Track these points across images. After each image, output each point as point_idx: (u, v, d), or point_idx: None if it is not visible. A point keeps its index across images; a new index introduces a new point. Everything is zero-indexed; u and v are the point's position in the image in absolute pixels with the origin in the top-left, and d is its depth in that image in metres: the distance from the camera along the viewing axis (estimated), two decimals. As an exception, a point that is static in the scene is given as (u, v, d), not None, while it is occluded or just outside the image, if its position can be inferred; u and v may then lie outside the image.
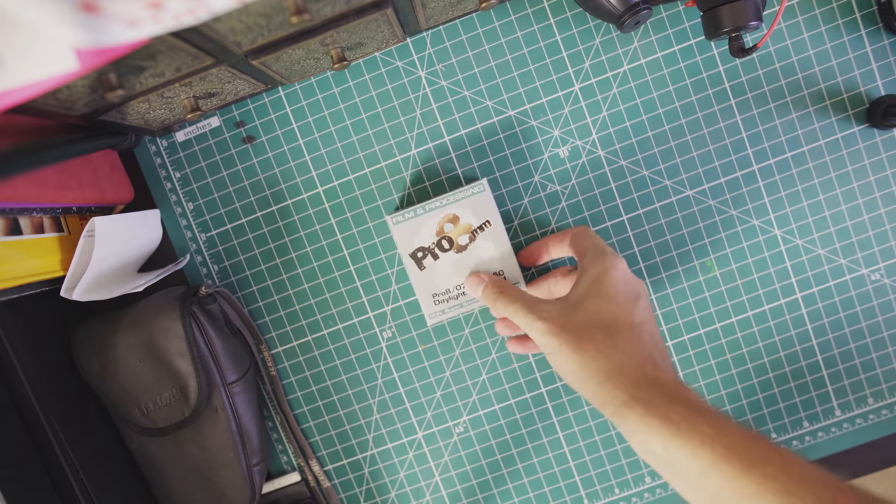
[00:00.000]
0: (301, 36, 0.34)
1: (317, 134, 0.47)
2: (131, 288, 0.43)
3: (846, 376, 0.48)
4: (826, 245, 0.47)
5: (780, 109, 0.46)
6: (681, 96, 0.46)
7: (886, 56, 0.45)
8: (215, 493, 0.46)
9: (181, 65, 0.33)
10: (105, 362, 0.43)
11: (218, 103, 0.43)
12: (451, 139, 0.47)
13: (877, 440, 0.49)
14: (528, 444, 0.49)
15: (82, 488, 0.42)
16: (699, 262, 0.47)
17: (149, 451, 0.45)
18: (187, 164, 0.48)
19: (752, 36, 0.45)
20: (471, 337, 0.49)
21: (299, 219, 0.48)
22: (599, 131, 0.47)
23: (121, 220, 0.42)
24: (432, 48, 0.46)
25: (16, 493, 0.38)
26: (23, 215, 0.38)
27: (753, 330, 0.48)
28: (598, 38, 0.46)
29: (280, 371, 0.49)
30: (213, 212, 0.48)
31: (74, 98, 0.33)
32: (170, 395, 0.44)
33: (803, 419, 0.49)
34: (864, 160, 0.46)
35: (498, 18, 0.46)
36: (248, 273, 0.49)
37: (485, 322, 0.48)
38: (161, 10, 0.21)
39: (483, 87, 0.46)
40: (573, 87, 0.46)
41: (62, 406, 0.43)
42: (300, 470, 0.50)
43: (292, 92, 0.47)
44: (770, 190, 0.47)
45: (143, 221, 0.45)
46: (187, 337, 0.43)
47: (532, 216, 0.47)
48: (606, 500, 0.50)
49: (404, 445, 0.50)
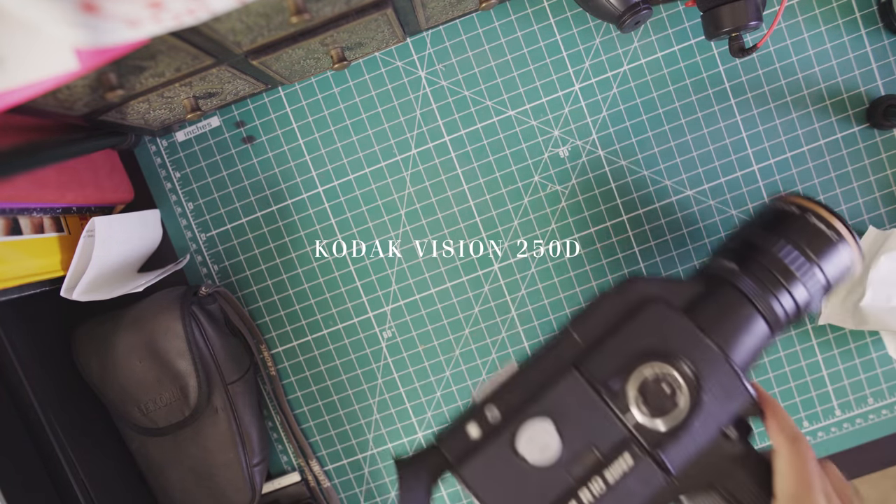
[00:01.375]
0: (301, 36, 0.34)
1: (317, 134, 0.47)
2: (131, 288, 0.43)
3: (846, 376, 0.48)
4: (826, 245, 0.47)
5: (780, 109, 0.46)
6: (681, 96, 0.46)
7: (886, 56, 0.45)
8: (215, 493, 0.46)
9: (181, 65, 0.33)
10: (105, 362, 0.43)
11: (218, 103, 0.43)
12: (451, 139, 0.47)
13: (877, 440, 0.49)
14: (528, 444, 0.49)
15: (82, 488, 0.42)
16: (699, 262, 0.47)
17: (149, 450, 0.45)
18: (187, 164, 0.48)
19: (752, 36, 0.45)
20: (471, 337, 0.49)
21: (299, 219, 0.48)
22: (599, 131, 0.47)
23: (121, 220, 0.42)
24: (432, 48, 0.46)
25: (16, 493, 0.38)
26: (23, 215, 0.38)
27: (753, 330, 0.48)
28: (598, 38, 0.46)
29: (280, 371, 0.49)
30: (213, 212, 0.48)
31: (74, 98, 0.33)
32: (170, 395, 0.44)
33: (803, 419, 0.49)
34: (864, 160, 0.46)
35: (498, 18, 0.46)
36: (248, 273, 0.49)
37: (484, 322, 0.48)
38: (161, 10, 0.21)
39: (483, 87, 0.46)
40: (573, 87, 0.46)
41: (62, 406, 0.43)
42: (300, 470, 0.50)
43: (292, 92, 0.47)
44: (770, 190, 0.47)
45: (143, 221, 0.45)
46: (187, 337, 0.43)
47: (532, 216, 0.47)
48: (606, 500, 0.50)
49: (404, 445, 0.50)
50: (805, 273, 0.36)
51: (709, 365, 0.33)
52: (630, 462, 0.32)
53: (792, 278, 0.36)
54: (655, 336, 0.33)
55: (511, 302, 0.48)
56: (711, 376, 0.32)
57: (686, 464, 0.33)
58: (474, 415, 0.33)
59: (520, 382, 0.33)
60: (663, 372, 0.33)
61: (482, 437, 0.32)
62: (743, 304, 0.35)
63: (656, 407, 0.32)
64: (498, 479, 0.32)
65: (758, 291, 0.35)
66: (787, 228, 0.37)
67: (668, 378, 0.33)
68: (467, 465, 0.32)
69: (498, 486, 0.32)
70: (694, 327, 0.33)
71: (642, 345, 0.33)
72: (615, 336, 0.33)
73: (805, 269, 0.36)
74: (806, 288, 0.36)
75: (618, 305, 0.34)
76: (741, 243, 0.38)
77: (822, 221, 0.37)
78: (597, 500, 0.32)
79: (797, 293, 0.36)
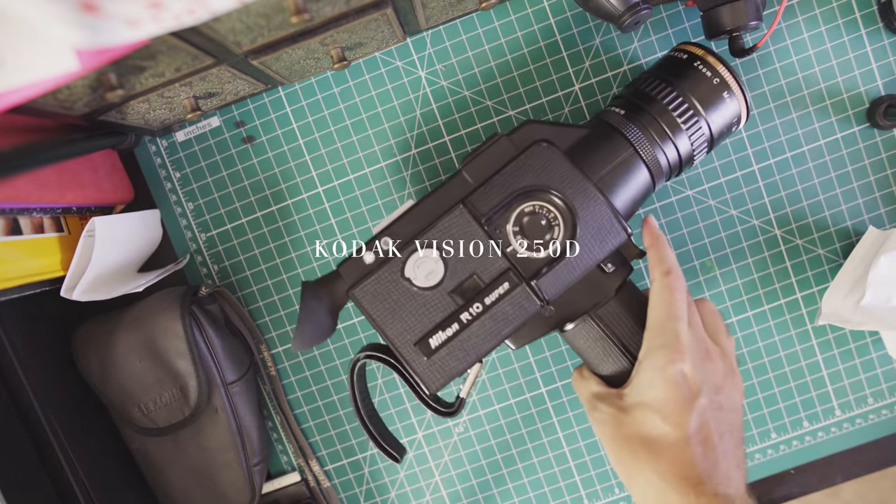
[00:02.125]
0: (301, 36, 0.34)
1: (317, 134, 0.47)
2: (131, 288, 0.43)
3: (846, 376, 0.48)
4: (826, 245, 0.47)
5: (780, 109, 0.46)
6: (681, 96, 0.46)
7: (886, 56, 0.45)
8: (215, 493, 0.46)
9: (181, 65, 0.33)
10: (105, 362, 0.43)
11: (218, 103, 0.43)
12: (451, 139, 0.47)
13: (877, 440, 0.49)
14: (528, 444, 0.49)
15: (82, 488, 0.42)
16: (699, 262, 0.48)
17: (149, 451, 0.45)
18: (187, 164, 0.48)
19: (752, 36, 0.45)
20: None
21: (299, 219, 0.48)
22: (599, 131, 0.47)
23: (121, 220, 0.42)
24: (432, 48, 0.46)
25: (16, 493, 0.38)
26: (23, 215, 0.38)
27: (753, 330, 0.48)
28: (598, 38, 0.46)
29: (280, 371, 0.49)
30: (213, 212, 0.48)
31: (74, 98, 0.33)
32: (170, 395, 0.44)
33: (803, 419, 0.49)
34: (864, 160, 0.46)
35: (498, 18, 0.46)
36: (248, 273, 0.49)
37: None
38: (161, 10, 0.21)
39: (483, 87, 0.46)
40: (573, 87, 0.46)
41: (62, 406, 0.43)
42: (300, 470, 0.50)
43: (292, 92, 0.47)
44: (770, 190, 0.47)
45: (143, 221, 0.45)
46: (187, 337, 0.43)
47: (532, 216, 0.47)
48: (606, 500, 0.50)
49: (404, 446, 0.50)
50: (689, 123, 0.38)
51: (585, 203, 0.36)
52: (507, 287, 0.36)
53: (675, 127, 0.38)
54: (537, 174, 0.36)
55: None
56: (587, 214, 0.36)
57: (560, 292, 0.36)
58: (370, 245, 0.36)
59: (412, 216, 0.36)
60: (542, 207, 0.36)
61: (375, 263, 0.36)
62: (625, 148, 0.38)
63: (533, 240, 0.36)
64: (387, 300, 0.36)
65: (641, 138, 0.38)
66: (678, 77, 0.39)
67: (546, 213, 0.36)
68: (360, 286, 0.36)
69: (387, 306, 0.36)
70: (573, 167, 0.36)
71: (524, 182, 0.36)
72: (501, 174, 0.36)
73: (690, 118, 0.38)
74: (689, 138, 0.38)
75: (507, 147, 0.37)
76: (633, 91, 0.40)
77: (711, 71, 0.38)
78: (474, 318, 0.36)
79: (680, 143, 0.38)
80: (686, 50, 0.40)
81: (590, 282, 0.38)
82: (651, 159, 0.38)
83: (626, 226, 0.36)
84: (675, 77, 0.39)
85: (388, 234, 0.36)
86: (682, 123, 0.38)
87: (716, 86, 0.38)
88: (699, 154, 0.40)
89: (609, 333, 0.38)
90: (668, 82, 0.39)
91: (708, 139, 0.39)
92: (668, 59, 0.40)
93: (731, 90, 0.38)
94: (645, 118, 0.38)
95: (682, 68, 0.39)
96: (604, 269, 0.38)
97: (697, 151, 0.39)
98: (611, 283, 0.38)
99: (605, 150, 0.37)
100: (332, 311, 0.37)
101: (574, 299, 0.38)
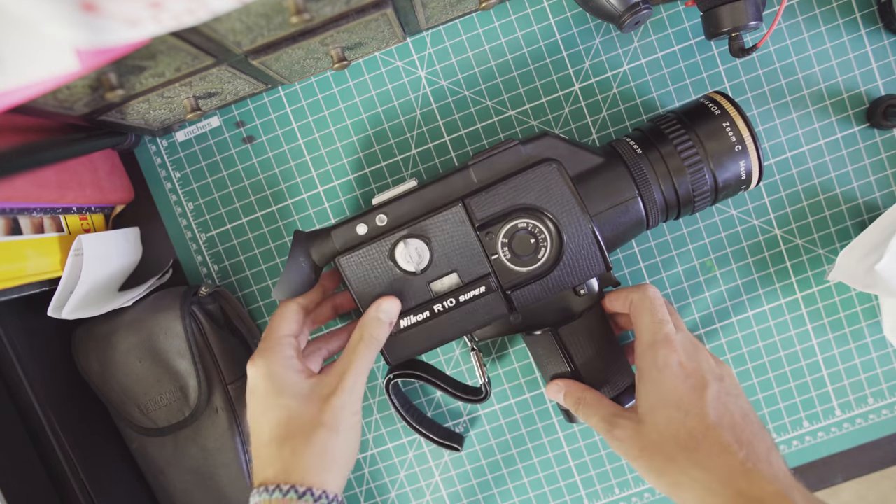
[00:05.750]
0: (301, 36, 0.34)
1: (317, 134, 0.47)
2: (118, 304, 0.43)
3: (846, 376, 0.48)
4: (826, 245, 0.47)
5: (780, 109, 0.46)
6: (681, 96, 0.46)
7: (886, 56, 0.45)
8: (215, 493, 0.46)
9: (181, 65, 0.33)
10: (105, 362, 0.43)
11: (218, 103, 0.43)
12: (451, 139, 0.47)
13: (877, 440, 0.49)
14: (529, 444, 0.49)
15: (82, 488, 0.42)
16: (699, 262, 0.48)
17: (149, 451, 0.45)
18: (187, 164, 0.48)
19: (752, 36, 0.45)
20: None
21: (299, 219, 0.48)
22: (599, 131, 0.47)
23: (107, 237, 0.42)
24: (432, 48, 0.46)
25: (16, 493, 0.38)
26: (23, 215, 0.38)
27: (753, 330, 0.48)
28: (598, 38, 0.46)
29: (280, 371, 0.49)
30: (213, 212, 0.48)
31: (74, 98, 0.33)
32: (170, 395, 0.44)
33: (803, 419, 0.49)
34: (864, 160, 0.46)
35: (498, 18, 0.46)
36: (248, 273, 0.49)
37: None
38: (161, 10, 0.21)
39: (483, 87, 0.46)
40: (573, 87, 0.46)
41: (62, 406, 0.43)
42: (300, 470, 0.50)
43: (292, 92, 0.47)
44: (770, 190, 0.47)
45: (126, 238, 0.45)
46: (187, 337, 0.43)
47: (532, 216, 0.47)
48: (606, 500, 0.50)
49: (404, 445, 0.50)
50: (696, 173, 0.38)
51: (577, 234, 0.37)
52: (482, 291, 0.38)
53: (681, 173, 0.38)
54: (538, 194, 0.37)
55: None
56: (575, 244, 0.37)
57: (531, 304, 0.38)
58: (366, 216, 0.38)
59: (412, 199, 0.38)
60: (534, 227, 0.37)
61: (367, 236, 0.38)
62: (630, 191, 0.38)
63: (519, 255, 0.38)
64: (370, 275, 0.38)
65: (646, 179, 0.38)
66: (701, 128, 0.39)
67: (537, 234, 0.37)
68: (347, 255, 0.37)
69: (368, 280, 0.38)
70: (575, 198, 0.37)
71: (524, 199, 0.37)
72: (505, 183, 0.37)
73: (697, 169, 0.38)
74: (691, 186, 0.39)
75: (519, 156, 0.38)
76: (651, 129, 0.40)
77: (736, 136, 0.39)
78: (445, 311, 0.38)
79: (681, 188, 0.39)
80: (720, 104, 0.39)
81: (560, 299, 0.40)
82: (649, 199, 0.39)
83: (608, 262, 0.38)
84: (698, 127, 0.39)
85: (385, 212, 0.38)
86: (688, 169, 0.38)
87: (736, 153, 0.38)
88: (701, 203, 0.40)
89: (563, 351, 0.40)
90: (688, 128, 0.39)
91: (711, 190, 0.39)
92: (699, 108, 0.40)
93: (748, 156, 0.38)
94: (654, 158, 0.39)
95: (709, 121, 0.39)
96: (577, 291, 0.40)
97: (699, 200, 0.39)
98: (578, 306, 0.40)
99: (611, 189, 0.38)
100: (315, 268, 0.39)
101: (542, 311, 0.40)
